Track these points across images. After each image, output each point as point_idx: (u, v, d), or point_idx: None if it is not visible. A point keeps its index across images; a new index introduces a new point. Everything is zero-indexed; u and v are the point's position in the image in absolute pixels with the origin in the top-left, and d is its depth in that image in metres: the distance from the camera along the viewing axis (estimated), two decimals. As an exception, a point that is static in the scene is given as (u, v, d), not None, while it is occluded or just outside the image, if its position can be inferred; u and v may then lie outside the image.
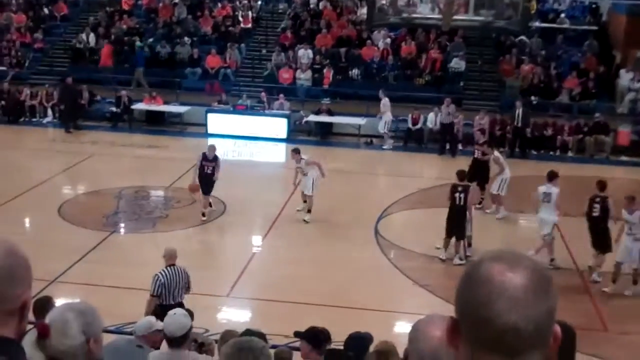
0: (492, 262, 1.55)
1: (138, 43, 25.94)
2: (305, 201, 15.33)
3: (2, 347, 1.95)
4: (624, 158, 21.73)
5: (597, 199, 12.75)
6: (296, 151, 15.42)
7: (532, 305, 1.50)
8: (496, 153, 16.06)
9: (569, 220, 15.64)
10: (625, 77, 24.49)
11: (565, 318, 1.88)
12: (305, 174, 15.04)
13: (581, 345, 4.21)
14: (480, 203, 15.96)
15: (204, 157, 15.07)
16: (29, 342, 2.45)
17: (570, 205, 16.78)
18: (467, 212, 13.03)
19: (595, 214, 12.68)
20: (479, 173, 16.23)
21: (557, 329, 1.55)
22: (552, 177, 13.57)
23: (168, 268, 9.12)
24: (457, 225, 13.07)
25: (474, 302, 1.52)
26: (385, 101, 21.84)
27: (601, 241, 12.60)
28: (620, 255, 12.02)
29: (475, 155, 16.52)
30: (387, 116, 21.96)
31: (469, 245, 13.23)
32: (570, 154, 21.97)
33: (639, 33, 24.59)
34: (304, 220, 15.04)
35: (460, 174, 13.51)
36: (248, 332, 5.37)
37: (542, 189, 13.48)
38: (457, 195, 13.07)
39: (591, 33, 26.64)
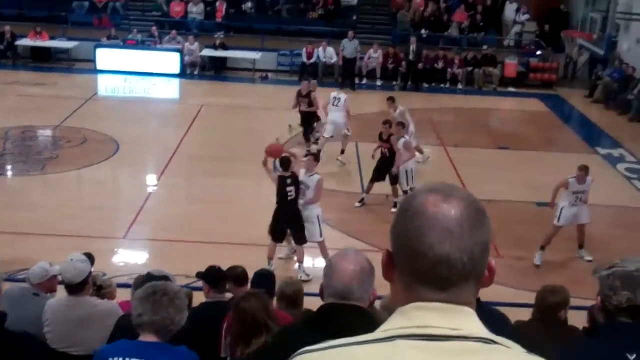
0: (426, 194, 1.53)
1: None
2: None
3: None
4: (511, 89, 22.49)
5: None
6: (391, 100, 14.96)
7: (466, 237, 1.49)
8: (401, 108, 14.99)
9: (460, 151, 16.21)
10: (510, 10, 25.16)
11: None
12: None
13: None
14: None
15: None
16: None
17: (461, 135, 17.38)
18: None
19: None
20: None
21: (492, 262, 1.55)
22: None
23: None
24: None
25: (408, 234, 1.51)
26: None
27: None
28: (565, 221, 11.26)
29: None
30: None
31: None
32: (460, 86, 22.51)
33: (525, -33, 25.25)
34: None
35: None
36: (150, 275, 5.25)
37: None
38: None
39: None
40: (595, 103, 21.37)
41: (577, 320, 5.44)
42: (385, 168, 12.86)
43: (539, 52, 23.57)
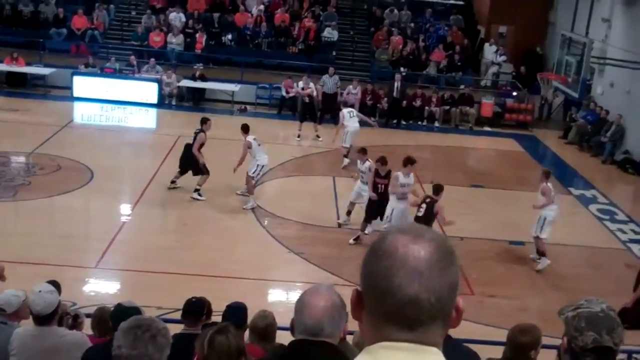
0: (396, 235, 1.54)
1: None
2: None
3: None
4: (487, 129, 22.72)
5: (427, 200, 12.05)
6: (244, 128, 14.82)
7: (434, 278, 1.49)
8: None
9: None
10: (488, 51, 25.55)
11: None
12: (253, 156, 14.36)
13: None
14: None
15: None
16: None
17: (436, 172, 17.45)
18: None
19: (420, 214, 11.84)
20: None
21: (460, 302, 1.56)
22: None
23: None
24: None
25: (377, 274, 1.52)
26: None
27: None
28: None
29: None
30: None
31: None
32: (436, 124, 22.70)
33: (502, 9, 25.74)
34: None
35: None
36: (120, 307, 5.17)
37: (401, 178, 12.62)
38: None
39: (457, 8, 27.58)
40: (569, 144, 21.65)
41: (548, 358, 5.45)
42: (378, 204, 12.84)
43: (514, 93, 23.88)
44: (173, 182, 14.69)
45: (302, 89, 20.18)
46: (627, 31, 20.76)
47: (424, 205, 11.79)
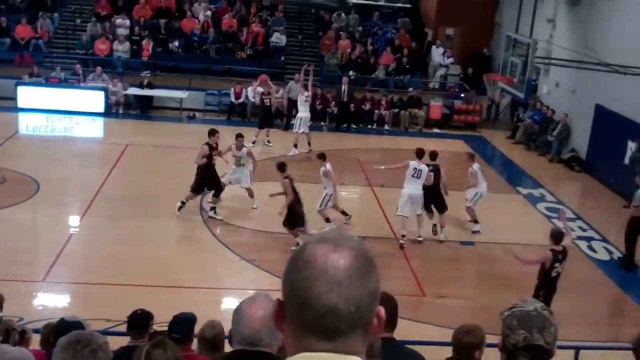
0: (316, 244, 1.53)
1: None
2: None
3: None
4: (436, 130, 22.94)
5: (431, 168, 13.65)
6: (240, 136, 14.65)
7: (354, 287, 1.48)
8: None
9: (386, 191, 16.36)
10: (436, 54, 25.82)
11: (386, 286, 1.90)
12: (242, 164, 14.45)
13: (400, 310, 4.36)
14: None
15: None
16: None
17: (386, 175, 17.56)
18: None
19: (429, 183, 13.58)
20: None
21: (381, 310, 1.55)
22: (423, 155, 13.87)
23: None
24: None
25: (296, 285, 1.50)
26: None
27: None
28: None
29: None
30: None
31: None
32: (386, 127, 22.83)
33: (449, 11, 26.05)
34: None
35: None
36: (63, 322, 5.06)
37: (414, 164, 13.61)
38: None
39: (404, 11, 27.81)
40: (516, 144, 22.01)
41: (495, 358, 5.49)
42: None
43: (462, 95, 24.19)
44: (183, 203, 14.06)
45: (263, 93, 19.93)
46: (571, 31, 21.19)
47: (431, 174, 13.40)
